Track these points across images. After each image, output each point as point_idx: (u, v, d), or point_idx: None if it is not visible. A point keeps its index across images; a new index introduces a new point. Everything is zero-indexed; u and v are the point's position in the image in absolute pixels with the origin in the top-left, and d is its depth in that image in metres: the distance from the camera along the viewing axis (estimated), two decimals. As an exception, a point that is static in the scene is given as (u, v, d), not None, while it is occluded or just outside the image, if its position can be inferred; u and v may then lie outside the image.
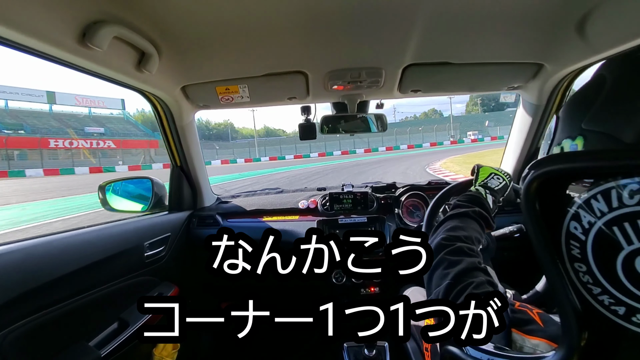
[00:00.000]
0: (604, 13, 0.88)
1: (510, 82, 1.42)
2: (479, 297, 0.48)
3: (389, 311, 0.56)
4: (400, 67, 1.23)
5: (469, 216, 0.75)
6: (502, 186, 0.94)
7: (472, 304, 0.47)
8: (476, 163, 1.04)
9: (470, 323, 0.46)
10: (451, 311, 0.48)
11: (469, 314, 0.47)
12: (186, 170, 1.66)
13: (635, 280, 0.30)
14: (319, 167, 18.43)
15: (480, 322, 0.46)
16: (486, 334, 0.46)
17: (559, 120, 0.40)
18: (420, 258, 0.58)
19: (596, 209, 0.32)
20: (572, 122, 0.37)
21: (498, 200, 0.92)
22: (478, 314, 0.46)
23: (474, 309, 0.47)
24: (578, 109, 0.37)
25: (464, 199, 0.85)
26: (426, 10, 0.89)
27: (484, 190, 0.89)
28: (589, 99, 0.35)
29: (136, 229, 1.34)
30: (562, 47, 1.10)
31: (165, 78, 1.20)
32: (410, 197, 1.67)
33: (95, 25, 0.78)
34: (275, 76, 1.26)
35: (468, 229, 0.70)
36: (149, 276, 1.35)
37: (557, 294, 0.37)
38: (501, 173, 0.97)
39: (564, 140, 0.38)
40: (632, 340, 0.34)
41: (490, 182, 0.93)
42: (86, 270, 1.01)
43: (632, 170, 0.29)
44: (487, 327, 0.46)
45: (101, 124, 44.43)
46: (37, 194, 12.45)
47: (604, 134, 0.32)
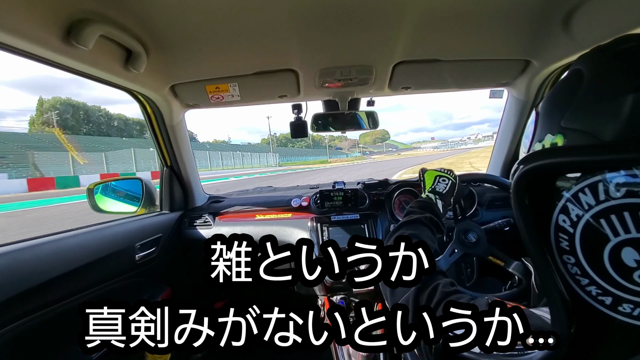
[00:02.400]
0: (588, 9, 0.89)
1: (499, 79, 1.44)
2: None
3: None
4: (390, 65, 1.23)
5: (421, 222, 0.79)
6: (450, 187, 0.97)
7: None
8: (421, 167, 1.09)
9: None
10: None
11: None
12: (177, 170, 1.65)
13: (621, 270, 0.31)
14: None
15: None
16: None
17: (538, 116, 0.41)
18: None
19: (584, 202, 0.33)
20: (552, 118, 0.37)
21: (448, 202, 0.96)
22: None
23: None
24: (556, 105, 0.37)
25: (415, 206, 0.89)
26: (415, 8, 0.90)
27: (434, 196, 0.93)
28: (567, 96, 0.35)
29: (127, 231, 1.32)
30: (548, 44, 1.12)
31: (154, 77, 1.19)
32: (402, 193, 1.68)
33: (81, 23, 0.76)
34: (265, 74, 1.25)
35: (421, 235, 0.74)
36: (141, 277, 1.34)
37: (546, 285, 0.38)
38: (446, 174, 1.01)
39: (545, 137, 0.38)
40: (618, 330, 0.35)
41: (437, 186, 0.97)
42: (76, 273, 0.99)
43: (617, 164, 0.30)
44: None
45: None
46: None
47: (584, 132, 0.33)
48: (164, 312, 0.60)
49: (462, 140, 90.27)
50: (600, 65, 0.34)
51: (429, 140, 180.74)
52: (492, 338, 0.46)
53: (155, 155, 1.81)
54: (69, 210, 9.21)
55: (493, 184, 1.35)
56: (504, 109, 1.64)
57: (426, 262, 0.56)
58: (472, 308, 0.48)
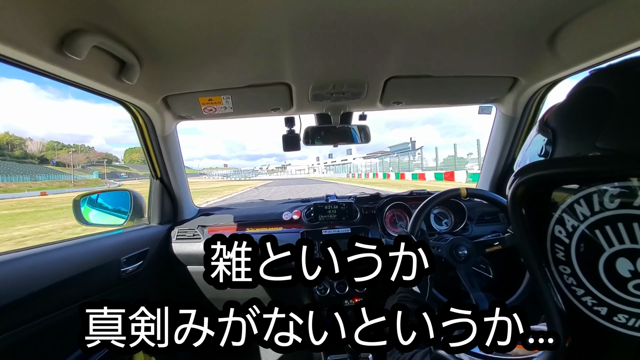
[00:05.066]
0: (571, 30, 0.93)
1: (488, 95, 1.48)
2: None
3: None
4: (382, 80, 1.25)
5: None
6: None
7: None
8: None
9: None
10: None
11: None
12: (166, 182, 1.62)
13: (616, 280, 0.32)
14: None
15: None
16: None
17: (555, 133, 0.39)
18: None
19: (579, 213, 0.33)
20: (580, 139, 0.36)
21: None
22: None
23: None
24: (585, 126, 0.36)
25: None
26: (408, 26, 0.92)
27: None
28: (599, 116, 0.34)
29: (113, 244, 1.29)
30: (535, 62, 1.16)
31: (146, 88, 1.18)
32: (393, 208, 1.68)
33: (74, 33, 0.76)
34: (259, 87, 1.26)
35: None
36: (126, 293, 1.29)
37: (542, 296, 0.38)
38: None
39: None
40: (614, 340, 0.35)
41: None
42: (57, 287, 0.95)
43: (611, 175, 0.30)
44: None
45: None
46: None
47: (621, 152, 0.32)
48: (164, 312, 0.59)
49: (254, 170, 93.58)
50: (634, 86, 0.33)
51: (222, 167, 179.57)
52: (492, 338, 0.46)
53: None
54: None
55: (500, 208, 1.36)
56: (493, 125, 1.68)
57: (426, 263, 0.56)
58: (473, 308, 0.48)
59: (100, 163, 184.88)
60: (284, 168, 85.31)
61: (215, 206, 1.96)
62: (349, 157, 51.58)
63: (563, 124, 0.39)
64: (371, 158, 33.33)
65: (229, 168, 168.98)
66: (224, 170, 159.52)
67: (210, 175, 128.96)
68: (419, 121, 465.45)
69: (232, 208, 1.90)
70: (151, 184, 1.63)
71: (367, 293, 1.56)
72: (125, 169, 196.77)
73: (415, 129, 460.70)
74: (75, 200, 1.43)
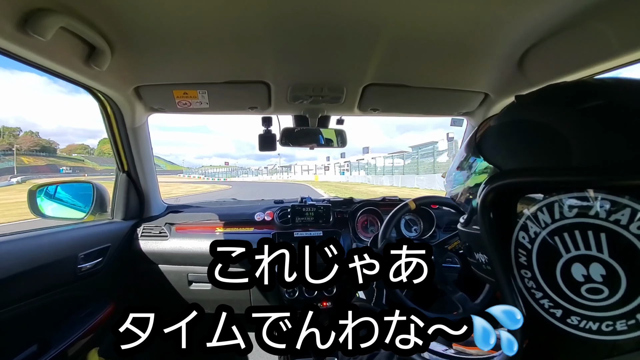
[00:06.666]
0: (538, 52, 1.00)
1: (460, 108, 1.54)
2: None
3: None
4: (360, 86, 1.27)
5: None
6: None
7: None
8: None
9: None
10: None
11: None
12: (134, 176, 1.55)
13: (571, 284, 0.34)
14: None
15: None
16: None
17: (490, 160, 0.42)
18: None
19: (541, 220, 0.35)
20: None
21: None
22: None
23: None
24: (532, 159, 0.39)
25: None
26: (386, 35, 0.94)
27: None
28: (557, 159, 0.35)
29: (70, 239, 1.21)
30: (504, 80, 1.22)
31: (117, 76, 1.13)
32: (365, 213, 1.71)
33: (40, 12, 0.71)
34: (237, 84, 1.24)
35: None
36: (83, 291, 1.22)
37: (505, 298, 0.41)
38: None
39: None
40: (567, 341, 0.37)
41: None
42: (4, 282, 0.88)
43: (570, 186, 0.33)
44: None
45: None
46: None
47: (581, 165, 0.34)
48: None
49: (258, 169, 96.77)
50: (583, 125, 0.35)
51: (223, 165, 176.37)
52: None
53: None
54: None
55: (451, 207, 1.43)
56: (463, 137, 1.75)
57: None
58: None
59: (32, 153, 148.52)
60: (288, 168, 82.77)
61: (185, 204, 1.89)
62: (366, 156, 49.63)
63: (505, 159, 0.41)
64: (395, 157, 31.74)
65: (230, 166, 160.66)
66: (219, 169, 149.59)
67: (191, 173, 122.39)
68: (431, 125, 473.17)
69: (203, 207, 1.84)
70: (117, 177, 1.55)
71: (335, 297, 1.56)
72: (78, 162, 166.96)
73: (426, 133, 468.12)
74: (30, 190, 1.33)
